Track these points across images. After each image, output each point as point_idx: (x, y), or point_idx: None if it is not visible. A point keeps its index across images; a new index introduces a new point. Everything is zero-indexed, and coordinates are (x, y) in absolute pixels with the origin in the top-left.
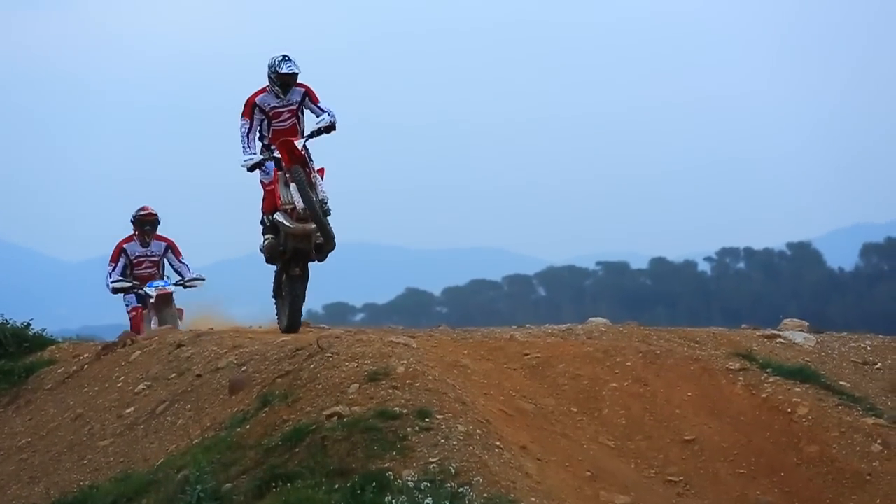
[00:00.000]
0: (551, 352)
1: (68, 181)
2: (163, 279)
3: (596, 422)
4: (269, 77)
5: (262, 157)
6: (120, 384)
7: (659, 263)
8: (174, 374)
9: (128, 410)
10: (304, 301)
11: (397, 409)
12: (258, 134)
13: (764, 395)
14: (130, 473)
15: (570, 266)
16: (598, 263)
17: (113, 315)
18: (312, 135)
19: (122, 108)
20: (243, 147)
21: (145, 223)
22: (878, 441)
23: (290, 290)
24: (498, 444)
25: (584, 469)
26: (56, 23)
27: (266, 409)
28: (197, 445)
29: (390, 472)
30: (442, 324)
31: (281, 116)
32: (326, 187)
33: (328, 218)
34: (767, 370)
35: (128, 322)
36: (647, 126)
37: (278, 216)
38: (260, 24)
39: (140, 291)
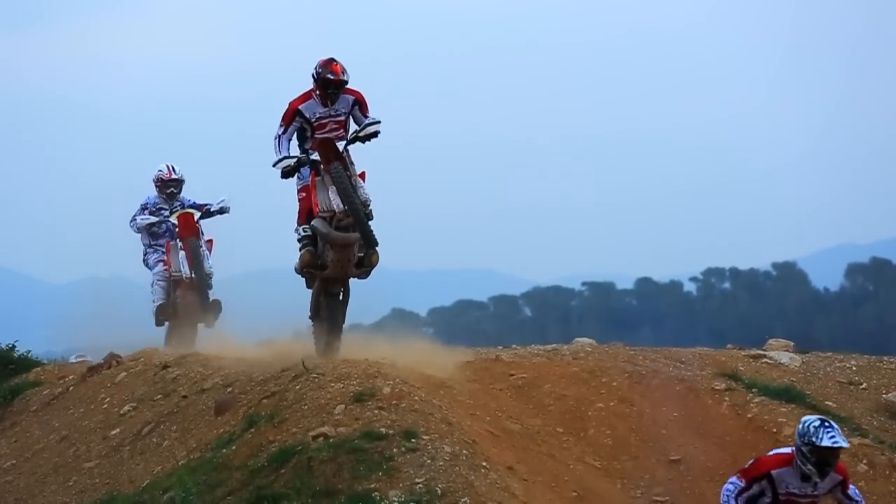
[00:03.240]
0: (537, 372)
1: (53, 202)
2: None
3: (582, 442)
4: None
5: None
6: (105, 406)
7: (645, 284)
8: (160, 396)
9: (113, 432)
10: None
11: (383, 429)
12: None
13: (750, 416)
14: (116, 495)
15: (555, 286)
16: (584, 284)
17: (98, 336)
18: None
19: (108, 129)
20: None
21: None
22: (864, 461)
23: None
24: (484, 464)
25: (570, 489)
26: (34, 42)
27: (252, 430)
28: (183, 467)
29: (376, 493)
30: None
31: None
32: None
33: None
34: (753, 390)
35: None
36: (631, 149)
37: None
38: (248, 43)
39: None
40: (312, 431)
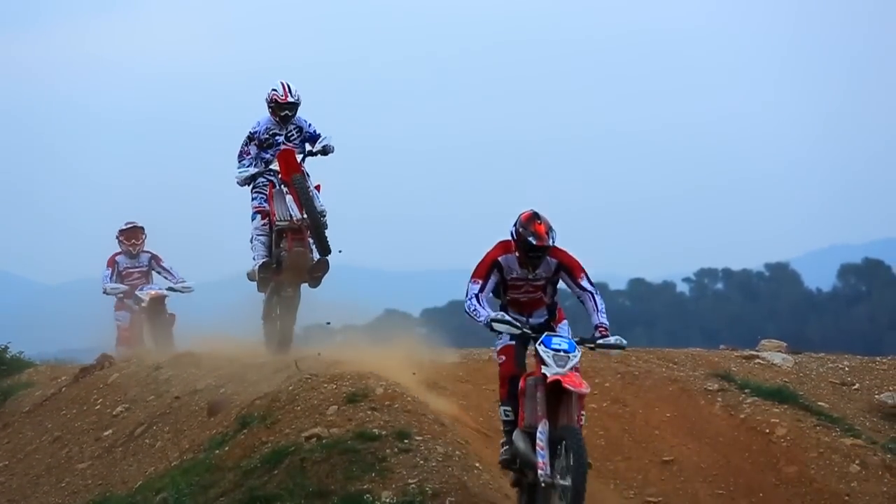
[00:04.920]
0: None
1: (44, 203)
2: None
3: None
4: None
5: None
6: (98, 406)
7: (637, 284)
8: (152, 397)
9: (106, 433)
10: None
11: (376, 430)
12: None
13: (742, 416)
14: (109, 496)
15: None
16: None
17: (91, 338)
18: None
19: (102, 129)
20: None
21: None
22: (857, 461)
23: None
24: (477, 465)
25: None
26: (28, 42)
27: (245, 430)
28: (175, 468)
29: (369, 494)
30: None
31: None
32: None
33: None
34: (746, 391)
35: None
36: (624, 150)
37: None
38: (248, 42)
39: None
40: (305, 432)
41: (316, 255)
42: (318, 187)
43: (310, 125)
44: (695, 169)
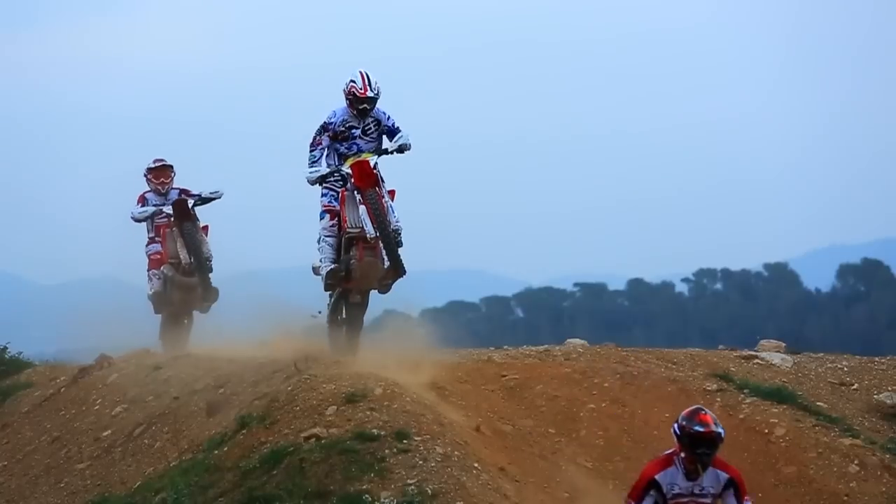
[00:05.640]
0: (529, 373)
1: (43, 203)
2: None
3: (574, 443)
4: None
5: (328, 169)
6: (97, 407)
7: (636, 285)
8: (151, 397)
9: (105, 433)
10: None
11: (375, 430)
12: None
13: (741, 416)
14: (108, 496)
15: (547, 287)
16: (576, 284)
17: (89, 338)
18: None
19: (101, 128)
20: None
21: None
22: (856, 462)
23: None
24: (476, 465)
25: (562, 490)
26: (29, 41)
27: (244, 431)
28: (174, 468)
29: (368, 494)
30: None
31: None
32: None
33: (400, 249)
34: (745, 391)
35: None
36: (623, 150)
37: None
38: (246, 42)
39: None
40: (304, 432)
41: (387, 263)
42: (392, 192)
43: (388, 118)
44: (693, 169)
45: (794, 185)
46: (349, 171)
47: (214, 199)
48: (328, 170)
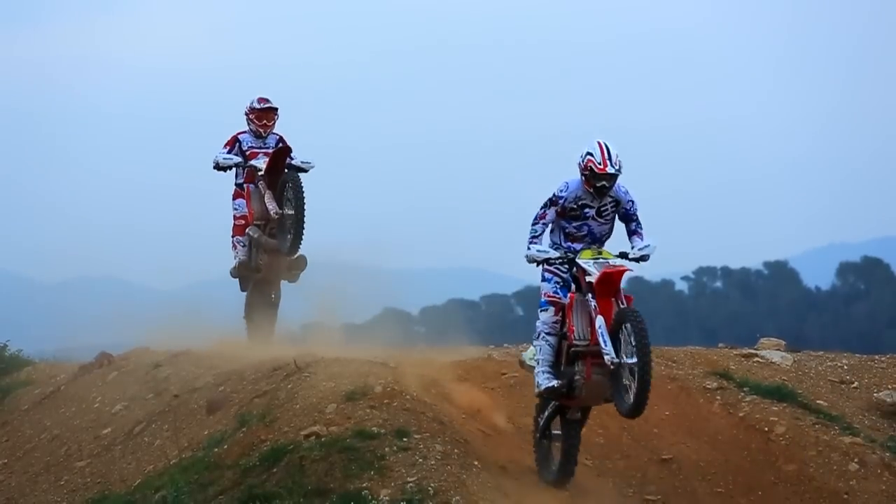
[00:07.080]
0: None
1: (44, 200)
2: None
3: None
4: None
5: (557, 254)
6: (97, 404)
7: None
8: (151, 395)
9: (105, 431)
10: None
11: (375, 428)
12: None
13: (741, 414)
14: (108, 494)
15: None
16: None
17: (90, 335)
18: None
19: (102, 127)
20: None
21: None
22: (856, 460)
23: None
24: (476, 463)
25: (562, 488)
26: (30, 40)
27: (244, 429)
28: (174, 466)
29: (368, 492)
30: (420, 343)
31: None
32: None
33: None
34: (745, 389)
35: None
36: (623, 149)
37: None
38: (245, 40)
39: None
40: (304, 430)
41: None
42: None
43: (629, 198)
44: (693, 168)
45: (794, 183)
46: (588, 267)
47: (305, 170)
48: (557, 254)
